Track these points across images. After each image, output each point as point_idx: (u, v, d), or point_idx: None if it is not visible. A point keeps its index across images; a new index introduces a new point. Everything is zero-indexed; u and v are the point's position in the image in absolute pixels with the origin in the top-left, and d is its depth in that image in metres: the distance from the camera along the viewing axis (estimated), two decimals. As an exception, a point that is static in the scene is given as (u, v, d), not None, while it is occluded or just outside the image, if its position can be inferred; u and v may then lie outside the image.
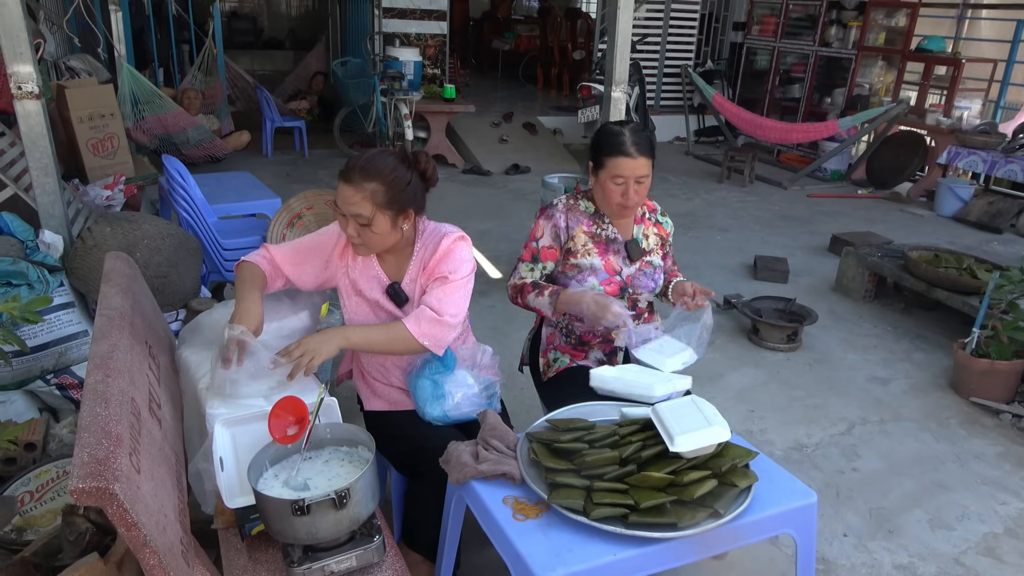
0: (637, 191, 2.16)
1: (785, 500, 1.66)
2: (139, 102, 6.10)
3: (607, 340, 2.31)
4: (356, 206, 1.82)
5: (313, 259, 2.00)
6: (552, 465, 1.62)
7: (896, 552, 2.43)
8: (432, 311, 1.89)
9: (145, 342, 1.82)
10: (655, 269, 2.32)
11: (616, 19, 3.63)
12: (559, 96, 11.07)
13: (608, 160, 2.15)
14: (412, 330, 1.88)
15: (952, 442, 3.08)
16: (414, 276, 2.00)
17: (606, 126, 2.24)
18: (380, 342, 1.90)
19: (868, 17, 7.78)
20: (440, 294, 1.92)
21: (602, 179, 2.19)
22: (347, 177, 1.83)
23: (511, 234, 5.50)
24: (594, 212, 2.28)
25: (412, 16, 8.08)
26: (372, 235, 1.86)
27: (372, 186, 1.82)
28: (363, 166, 1.83)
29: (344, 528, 1.50)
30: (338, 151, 7.66)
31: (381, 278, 1.99)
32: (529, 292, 2.21)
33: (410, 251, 2.00)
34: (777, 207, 6.74)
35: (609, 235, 2.27)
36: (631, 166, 2.12)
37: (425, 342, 1.89)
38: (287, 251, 2.00)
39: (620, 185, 2.15)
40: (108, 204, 3.92)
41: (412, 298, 2.00)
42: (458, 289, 1.94)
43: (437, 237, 1.98)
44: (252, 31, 14.10)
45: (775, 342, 3.87)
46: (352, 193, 1.82)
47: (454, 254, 1.95)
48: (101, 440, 1.23)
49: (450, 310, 1.91)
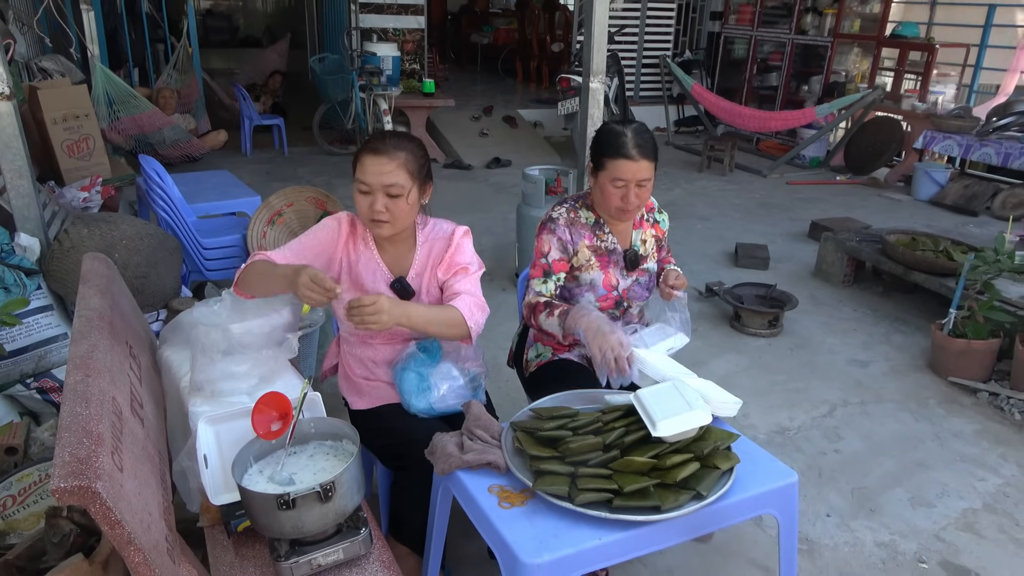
0: (638, 195, 2.08)
1: (766, 481, 1.68)
2: (114, 102, 6.03)
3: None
4: (391, 175, 1.82)
5: (318, 256, 1.95)
6: (536, 453, 1.63)
7: (878, 530, 2.47)
8: (475, 297, 1.95)
9: (125, 342, 1.81)
10: (650, 277, 2.30)
11: (592, 10, 3.64)
12: (539, 89, 11.06)
13: (608, 162, 2.07)
14: (465, 314, 1.90)
15: (931, 421, 3.14)
16: (420, 269, 2.00)
17: (607, 125, 2.15)
18: (436, 324, 1.88)
19: (843, 4, 7.84)
20: (469, 284, 1.97)
21: (601, 181, 2.11)
22: (377, 149, 1.83)
23: (493, 227, 5.50)
24: (594, 223, 2.21)
25: (389, 11, 8.04)
26: (402, 208, 1.86)
27: (403, 155, 1.84)
28: (388, 139, 1.86)
29: (330, 521, 1.51)
30: (317, 148, 7.62)
31: (384, 271, 1.98)
32: (541, 312, 2.11)
33: (412, 243, 2.01)
34: (757, 195, 6.79)
35: (608, 246, 2.22)
36: (632, 169, 2.05)
37: (472, 326, 1.91)
38: (288, 254, 1.93)
39: (620, 188, 2.07)
40: (85, 206, 3.88)
41: (419, 292, 2.00)
42: (479, 280, 2.01)
43: (445, 230, 2.02)
44: (228, 29, 13.97)
45: (756, 328, 3.91)
46: (387, 162, 1.82)
47: (466, 247, 2.02)
48: (82, 439, 1.22)
49: (481, 299, 1.98)
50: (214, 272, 3.63)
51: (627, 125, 2.11)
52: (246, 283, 1.89)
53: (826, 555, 2.34)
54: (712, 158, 7.59)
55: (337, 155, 7.50)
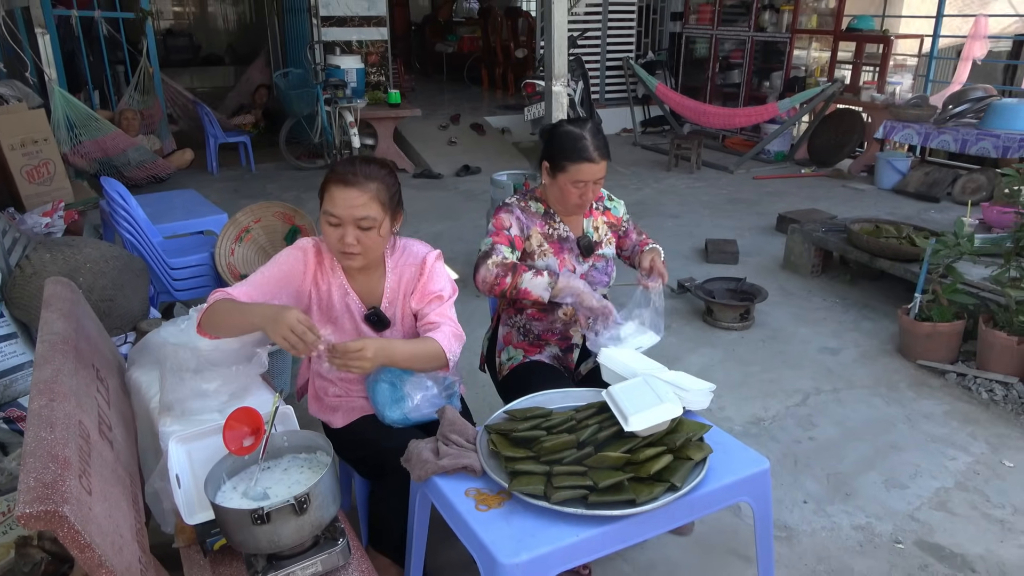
0: (594, 191, 2.18)
1: (740, 469, 1.70)
2: (75, 126, 5.95)
3: (564, 337, 2.33)
4: (364, 208, 1.75)
5: (283, 289, 1.86)
6: (511, 454, 1.64)
7: (854, 514, 2.50)
8: (453, 327, 1.91)
9: (92, 365, 1.79)
10: (607, 262, 2.34)
11: (552, 15, 3.68)
12: (505, 95, 11.11)
13: (570, 166, 2.11)
14: (444, 346, 1.85)
15: (902, 404, 3.19)
16: (392, 297, 1.95)
17: (564, 128, 2.16)
18: (419, 359, 1.84)
19: (799, 0, 7.98)
20: (444, 311, 1.92)
21: (560, 182, 2.16)
22: (347, 180, 1.75)
23: (465, 235, 5.51)
24: (544, 212, 2.26)
25: (351, 24, 8.03)
26: (374, 240, 1.80)
27: (375, 185, 1.77)
28: (358, 167, 1.78)
29: (307, 533, 1.50)
30: (285, 164, 7.58)
31: (356, 302, 1.93)
32: (524, 272, 2.06)
33: (382, 270, 1.95)
34: (725, 191, 6.87)
35: (561, 234, 2.26)
36: (594, 171, 2.12)
37: (451, 358, 1.88)
38: (253, 289, 1.82)
39: (580, 188, 2.14)
40: (48, 231, 3.82)
41: (394, 321, 1.96)
42: (453, 306, 1.96)
43: (416, 256, 1.96)
44: (189, 48, 13.86)
45: (729, 321, 3.95)
46: (358, 195, 1.75)
47: (439, 272, 1.96)
48: (48, 464, 1.21)
49: (458, 326, 1.94)
50: (182, 292, 3.59)
51: (583, 126, 2.13)
52: (211, 325, 1.75)
53: (804, 541, 2.38)
54: (679, 156, 7.67)
55: (305, 170, 7.47)
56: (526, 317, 2.31)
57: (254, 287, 1.83)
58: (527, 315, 2.31)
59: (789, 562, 2.28)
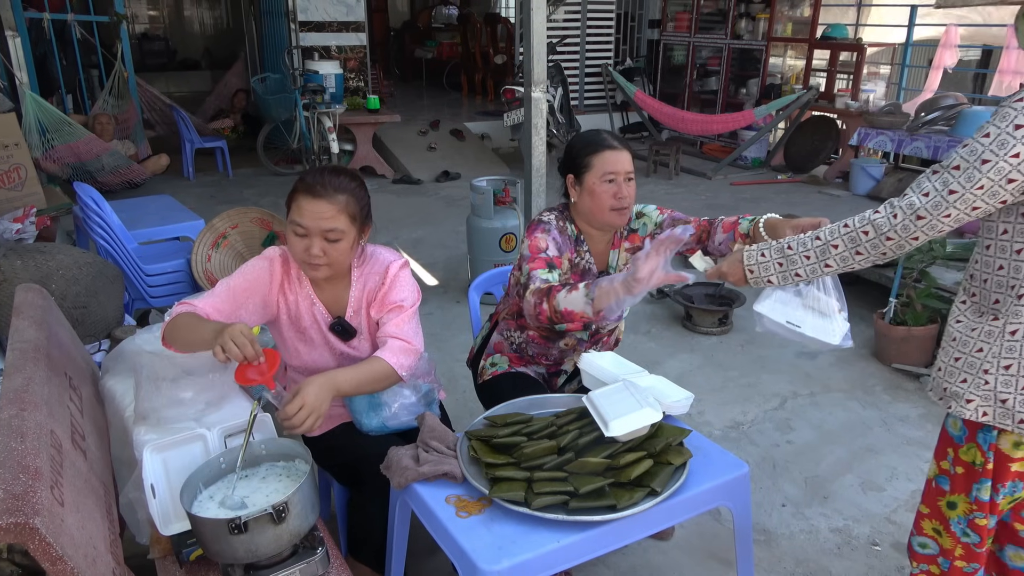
0: (628, 190, 2.03)
1: (719, 474, 1.71)
2: (47, 131, 5.86)
3: (556, 363, 2.27)
4: (332, 220, 1.73)
5: (250, 299, 1.84)
6: (492, 460, 1.63)
7: (832, 517, 2.53)
8: (402, 340, 1.86)
9: (64, 373, 1.76)
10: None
11: (530, 21, 3.69)
12: (484, 101, 11.12)
13: (593, 159, 2.02)
14: (392, 363, 1.82)
15: (878, 408, 3.23)
16: (357, 307, 1.93)
17: (577, 135, 2.14)
18: (367, 383, 1.80)
19: (775, 8, 8.08)
20: (400, 323, 1.89)
21: (590, 184, 2.03)
22: (316, 192, 1.73)
23: (445, 240, 5.50)
24: (576, 238, 2.14)
25: (330, 29, 8.00)
26: (341, 251, 1.78)
27: (344, 198, 1.75)
28: (328, 178, 1.75)
29: (285, 543, 1.48)
30: (263, 169, 7.52)
31: (320, 311, 1.91)
32: (559, 292, 1.85)
33: (348, 280, 1.93)
34: (703, 197, 6.93)
35: (585, 266, 2.14)
36: (618, 159, 2.02)
37: (402, 373, 1.85)
38: (218, 300, 1.79)
39: (611, 184, 2.01)
40: (19, 237, 3.75)
41: (360, 330, 1.95)
42: (414, 316, 1.93)
43: (380, 265, 1.93)
44: (165, 52, 13.74)
45: (707, 327, 3.98)
46: (327, 207, 1.73)
47: (402, 282, 1.92)
48: (18, 475, 1.18)
49: (415, 337, 1.90)
50: (158, 299, 3.54)
51: (595, 130, 2.13)
52: (172, 339, 1.72)
53: (783, 544, 2.39)
54: (658, 162, 7.73)
55: (283, 175, 7.42)
56: (526, 337, 2.24)
57: (219, 298, 1.80)
58: (527, 336, 2.23)
59: (768, 565, 2.29)
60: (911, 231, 1.45)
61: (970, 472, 1.60)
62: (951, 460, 1.65)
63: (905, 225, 1.45)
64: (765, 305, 1.82)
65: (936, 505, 1.70)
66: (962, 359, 1.54)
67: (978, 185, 1.37)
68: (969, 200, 1.39)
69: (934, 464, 1.71)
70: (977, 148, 1.38)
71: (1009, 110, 1.37)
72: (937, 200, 1.41)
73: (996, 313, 1.50)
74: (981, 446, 1.57)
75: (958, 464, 1.63)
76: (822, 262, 1.60)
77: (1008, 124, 1.35)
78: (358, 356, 1.97)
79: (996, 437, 1.54)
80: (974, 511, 1.62)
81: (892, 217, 1.46)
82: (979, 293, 1.55)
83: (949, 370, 1.57)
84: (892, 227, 1.47)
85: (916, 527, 1.77)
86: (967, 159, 1.39)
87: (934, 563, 1.73)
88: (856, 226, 1.53)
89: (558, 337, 2.20)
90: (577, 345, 2.23)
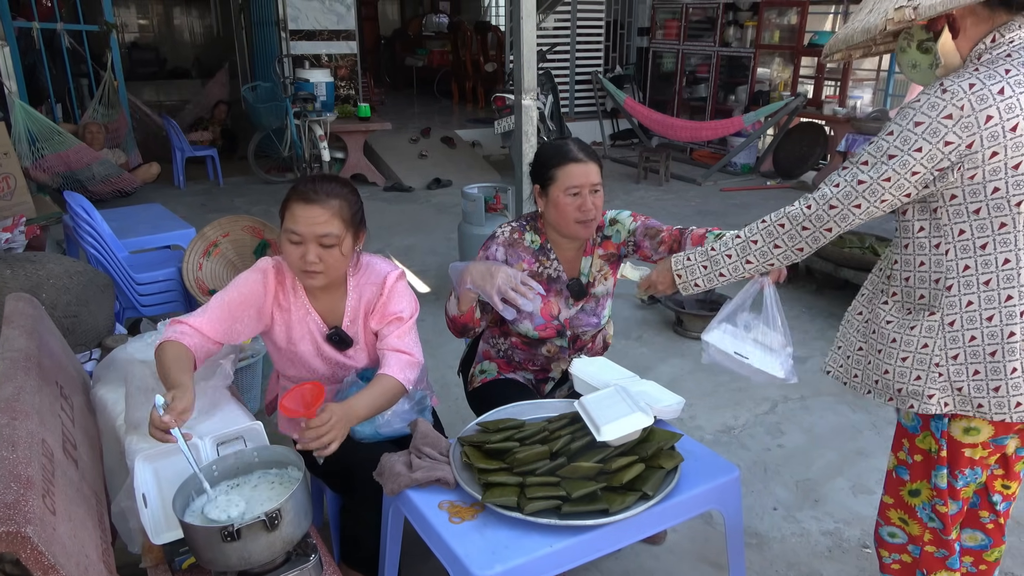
0: (594, 202, 2.02)
1: (710, 477, 1.72)
2: (37, 140, 5.84)
3: (544, 369, 2.28)
4: (326, 225, 1.74)
5: (245, 313, 1.84)
6: (484, 466, 1.64)
7: (823, 520, 2.54)
8: (407, 354, 1.87)
9: (55, 383, 1.75)
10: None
11: (520, 29, 3.71)
12: (475, 109, 11.16)
13: (558, 171, 2.01)
14: (400, 379, 1.83)
15: (868, 411, 3.25)
16: (353, 316, 1.93)
17: (545, 144, 2.13)
18: (383, 405, 1.81)
19: (762, 16, 8.16)
20: (402, 334, 1.90)
21: (554, 196, 2.03)
22: (308, 197, 1.74)
23: (436, 248, 5.51)
24: (539, 248, 2.13)
25: (320, 37, 8.02)
26: (337, 258, 1.78)
27: (337, 203, 1.76)
28: (320, 185, 1.76)
29: (278, 550, 1.48)
30: (254, 178, 7.52)
31: (317, 322, 1.91)
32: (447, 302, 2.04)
33: (344, 289, 1.93)
34: (693, 203, 6.96)
35: (552, 273, 2.14)
36: (583, 172, 2.00)
37: (409, 388, 1.86)
38: (212, 316, 1.79)
39: (576, 197, 2.00)
40: (8, 247, 3.74)
41: (357, 340, 1.95)
42: (414, 327, 1.94)
43: (378, 275, 1.93)
44: (155, 61, 13.70)
45: (698, 331, 3.97)
46: (320, 212, 1.74)
47: (400, 292, 1.93)
48: (10, 484, 1.18)
49: (416, 349, 1.91)
50: (149, 308, 3.53)
51: (564, 138, 2.12)
52: (157, 361, 1.72)
53: (774, 547, 2.40)
54: (648, 169, 7.77)
55: (274, 183, 7.41)
56: (509, 344, 2.25)
57: (214, 314, 1.79)
58: (511, 342, 2.24)
59: (760, 569, 2.31)
60: (824, 221, 1.52)
61: (928, 459, 1.65)
62: (907, 450, 1.69)
63: (818, 215, 1.52)
64: (714, 335, 1.86)
65: (899, 494, 1.75)
66: (909, 358, 1.56)
67: (884, 177, 1.44)
68: (877, 191, 1.45)
69: (892, 456, 1.76)
70: (883, 145, 1.45)
71: (909, 110, 1.44)
72: (847, 190, 1.48)
73: (930, 308, 1.53)
74: (934, 434, 1.61)
75: (915, 452, 1.67)
76: (743, 259, 1.66)
77: (908, 122, 1.42)
78: (353, 366, 1.98)
79: (947, 424, 1.58)
80: (934, 498, 1.66)
81: (806, 208, 1.53)
82: (900, 292, 1.59)
83: (899, 371, 1.58)
84: (807, 217, 1.53)
85: (883, 517, 1.81)
86: (874, 155, 1.46)
87: (904, 551, 1.78)
88: (773, 220, 1.60)
89: (538, 344, 2.22)
90: (559, 352, 2.24)
